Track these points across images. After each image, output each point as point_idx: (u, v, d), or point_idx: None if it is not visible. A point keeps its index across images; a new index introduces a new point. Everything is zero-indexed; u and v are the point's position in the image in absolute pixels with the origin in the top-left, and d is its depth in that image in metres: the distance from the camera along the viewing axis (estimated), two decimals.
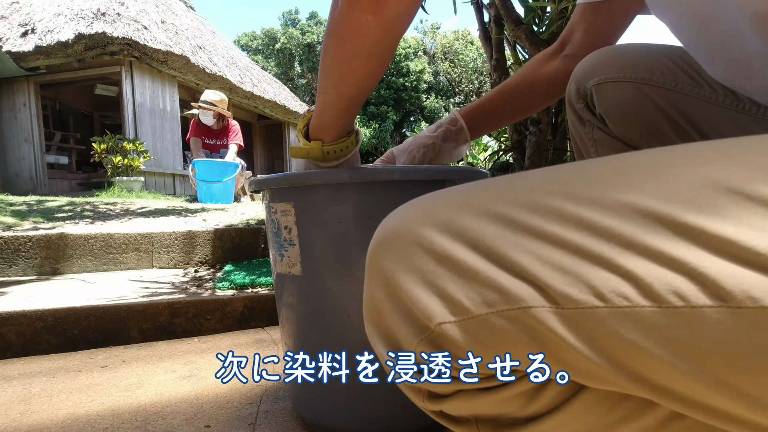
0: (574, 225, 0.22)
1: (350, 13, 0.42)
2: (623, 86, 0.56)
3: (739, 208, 0.19)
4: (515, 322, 0.22)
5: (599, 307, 0.20)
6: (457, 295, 0.23)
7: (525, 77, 0.71)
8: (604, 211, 0.21)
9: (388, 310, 0.26)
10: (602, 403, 0.24)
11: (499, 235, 0.23)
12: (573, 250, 0.21)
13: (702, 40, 0.47)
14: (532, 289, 0.22)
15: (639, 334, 0.19)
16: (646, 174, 0.22)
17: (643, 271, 0.20)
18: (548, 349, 0.22)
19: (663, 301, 0.19)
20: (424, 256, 0.24)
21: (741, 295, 0.18)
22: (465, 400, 0.26)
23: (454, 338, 0.23)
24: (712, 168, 0.20)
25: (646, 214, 0.20)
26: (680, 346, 0.19)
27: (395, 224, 0.27)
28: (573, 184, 0.23)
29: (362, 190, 0.57)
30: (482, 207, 0.24)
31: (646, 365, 0.20)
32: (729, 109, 0.51)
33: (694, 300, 0.19)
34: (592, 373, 0.21)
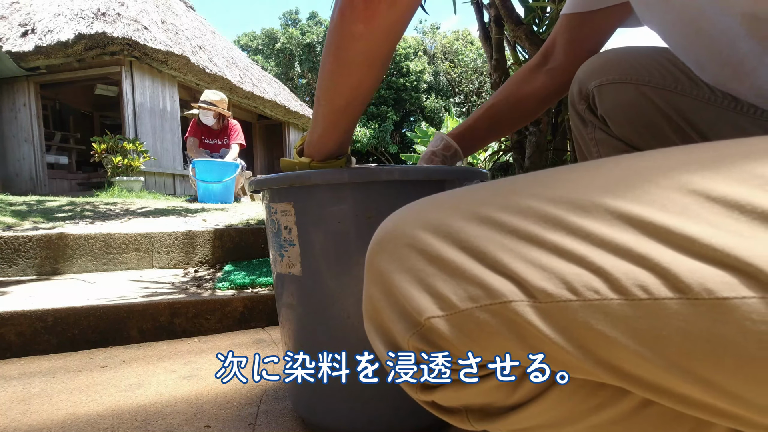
0: (551, 225, 0.23)
1: (343, 22, 0.43)
2: (624, 88, 0.57)
3: (700, 207, 0.21)
4: (497, 316, 0.24)
5: (572, 300, 0.22)
6: (445, 291, 0.25)
7: (511, 95, 0.72)
8: (580, 212, 0.23)
9: (384, 308, 0.28)
10: (579, 391, 0.26)
11: (485, 236, 0.25)
12: (550, 248, 0.23)
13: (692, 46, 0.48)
14: (512, 285, 0.23)
15: (608, 324, 0.21)
16: (618, 178, 0.24)
17: (612, 267, 0.21)
18: (527, 340, 0.23)
19: (629, 293, 0.21)
20: (417, 256, 0.26)
21: (698, 288, 0.19)
22: (454, 390, 0.28)
23: (443, 332, 0.25)
24: (678, 171, 0.22)
25: (618, 214, 0.22)
26: (645, 335, 0.20)
27: (391, 227, 0.29)
28: (553, 189, 0.25)
29: (362, 190, 0.57)
30: (471, 210, 0.26)
31: (615, 354, 0.21)
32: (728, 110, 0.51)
33: (657, 292, 0.20)
34: (568, 363, 0.23)
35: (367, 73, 0.48)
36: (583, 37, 0.67)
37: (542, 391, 0.26)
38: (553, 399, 0.26)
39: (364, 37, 0.44)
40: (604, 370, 0.22)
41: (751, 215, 0.20)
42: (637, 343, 0.21)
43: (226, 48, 8.11)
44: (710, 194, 0.21)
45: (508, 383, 0.27)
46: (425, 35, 20.37)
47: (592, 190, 0.24)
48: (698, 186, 0.21)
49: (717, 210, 0.20)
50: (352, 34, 0.44)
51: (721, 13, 0.40)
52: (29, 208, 2.40)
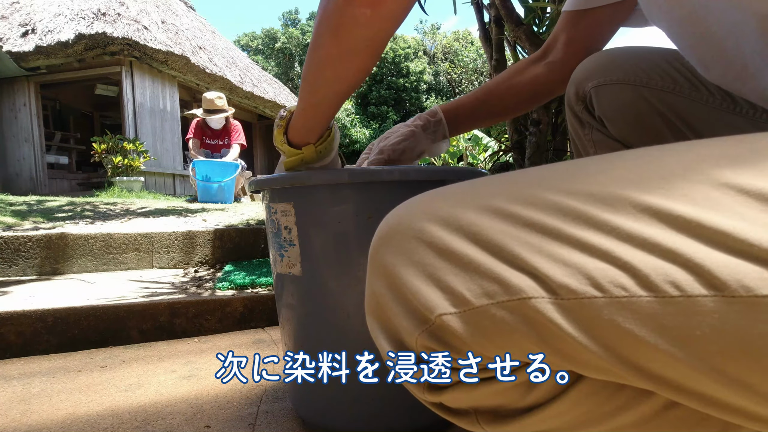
0: (572, 218, 0.22)
1: (347, 6, 0.41)
2: (622, 89, 0.56)
3: (733, 201, 0.20)
4: (515, 313, 0.22)
5: (597, 297, 0.21)
6: (457, 287, 0.24)
7: (505, 80, 0.72)
8: (602, 205, 0.22)
9: (389, 304, 0.26)
10: (599, 392, 0.24)
11: (499, 229, 0.24)
12: (572, 242, 0.22)
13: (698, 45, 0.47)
14: (531, 281, 0.22)
15: (636, 323, 0.20)
16: (641, 170, 0.23)
17: (640, 262, 0.20)
18: (547, 339, 0.22)
19: (659, 290, 0.20)
20: (425, 250, 0.25)
21: (735, 285, 0.18)
22: (464, 391, 0.26)
23: (455, 329, 0.24)
24: (705, 163, 0.21)
25: (644, 207, 0.21)
26: (676, 334, 0.19)
27: (397, 220, 0.27)
28: (571, 180, 0.24)
29: (362, 190, 0.57)
30: (482, 202, 0.25)
31: (643, 354, 0.20)
32: (726, 112, 0.51)
33: (690, 289, 0.19)
34: (590, 363, 0.22)
35: (370, 57, 0.47)
36: (583, 35, 0.66)
37: (560, 393, 0.25)
38: (571, 401, 0.25)
39: (370, 23, 0.42)
40: (629, 370, 0.21)
41: None
42: (667, 343, 0.20)
43: (227, 48, 8.11)
44: (743, 187, 0.20)
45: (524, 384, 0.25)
46: (425, 36, 20.37)
47: (614, 183, 0.22)
48: (729, 179, 0.20)
49: (750, 203, 0.19)
50: (357, 20, 0.42)
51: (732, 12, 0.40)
52: (29, 208, 2.40)
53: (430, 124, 0.69)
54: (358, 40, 0.44)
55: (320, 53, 0.46)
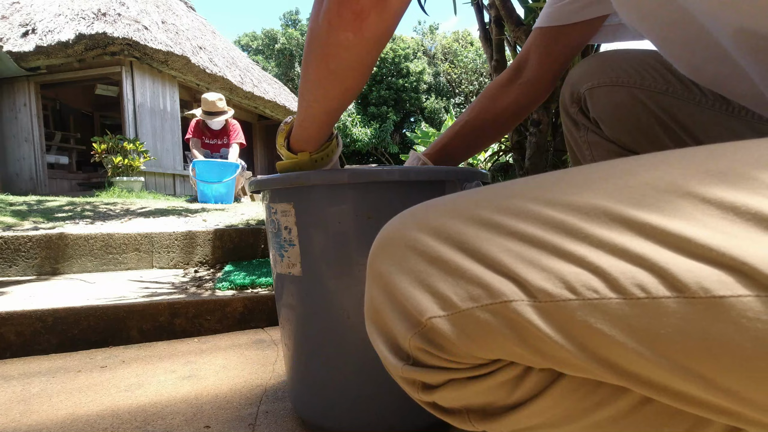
0: (550, 226, 0.24)
1: (330, 31, 0.42)
2: (616, 90, 0.57)
3: (695, 209, 0.21)
4: (498, 315, 0.24)
5: (572, 299, 0.22)
6: (445, 291, 0.26)
7: (484, 111, 0.72)
8: (578, 214, 0.24)
9: (385, 309, 0.28)
10: (578, 389, 0.26)
11: (484, 237, 0.25)
12: (549, 248, 0.24)
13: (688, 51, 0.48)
14: (512, 285, 0.24)
15: (607, 323, 0.21)
16: (615, 180, 0.24)
17: (610, 267, 0.22)
18: (527, 339, 0.24)
19: (627, 293, 0.21)
20: (417, 258, 0.27)
21: (695, 287, 0.20)
22: (455, 389, 0.28)
23: (444, 331, 0.26)
24: (673, 174, 0.23)
25: (615, 216, 0.23)
26: (643, 333, 0.21)
27: (391, 230, 0.30)
28: (551, 191, 0.26)
29: (362, 191, 0.57)
30: (470, 213, 0.27)
31: (614, 352, 0.22)
32: (718, 113, 0.52)
33: (655, 291, 0.21)
34: (568, 362, 0.23)
35: (358, 78, 0.48)
36: (559, 50, 0.67)
37: (542, 390, 0.27)
38: (553, 397, 0.26)
39: (354, 47, 0.43)
40: (603, 368, 0.22)
41: (746, 216, 0.20)
42: (635, 342, 0.21)
43: (227, 48, 8.11)
44: (705, 197, 0.21)
45: (509, 382, 0.27)
46: (425, 36, 20.37)
47: (589, 193, 0.24)
48: (694, 189, 0.22)
49: (712, 212, 0.21)
50: (341, 44, 0.43)
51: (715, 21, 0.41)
52: (29, 208, 2.40)
53: None
54: (344, 63, 0.45)
55: (310, 75, 0.48)
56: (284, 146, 0.59)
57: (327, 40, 0.43)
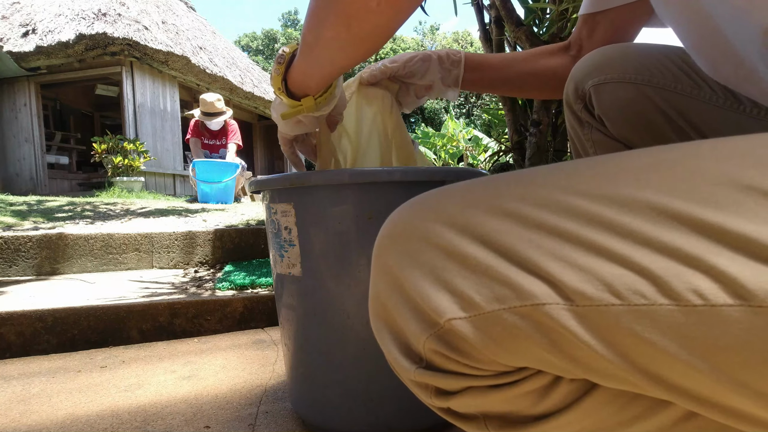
0: (586, 221, 0.21)
1: None
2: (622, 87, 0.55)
3: (758, 205, 0.19)
4: (527, 319, 0.22)
5: (615, 304, 0.20)
6: (467, 290, 0.23)
7: (530, 57, 0.70)
8: (618, 208, 0.21)
9: (395, 306, 0.26)
10: (614, 401, 0.24)
11: (508, 231, 0.23)
12: (587, 246, 0.21)
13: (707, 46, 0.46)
14: (545, 286, 0.21)
15: (656, 332, 0.19)
16: (659, 170, 0.22)
17: (660, 269, 0.19)
18: (561, 346, 0.22)
19: (682, 299, 0.19)
20: (433, 251, 0.24)
21: (762, 294, 0.18)
22: (474, 397, 0.26)
23: (465, 334, 0.23)
24: (727, 164, 0.20)
25: (662, 210, 0.20)
26: (698, 344, 0.19)
27: (401, 220, 0.27)
28: (582, 181, 0.23)
29: (362, 191, 0.57)
30: (489, 203, 0.24)
31: (663, 364, 0.20)
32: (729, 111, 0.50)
33: (714, 298, 0.18)
34: (606, 372, 0.21)
35: (378, 42, 0.45)
36: (602, 36, 0.66)
37: (573, 401, 0.24)
38: (585, 410, 0.24)
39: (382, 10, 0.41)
40: (648, 380, 0.20)
41: None
42: (689, 353, 0.19)
43: (227, 48, 8.12)
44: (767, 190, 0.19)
45: (536, 391, 0.25)
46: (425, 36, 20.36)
47: (629, 184, 0.21)
48: (754, 181, 0.19)
49: None
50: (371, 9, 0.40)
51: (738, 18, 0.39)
52: (29, 208, 2.40)
53: (448, 60, 0.68)
54: (367, 28, 0.43)
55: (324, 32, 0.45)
56: (283, 92, 0.55)
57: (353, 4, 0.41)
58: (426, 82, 0.67)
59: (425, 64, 0.66)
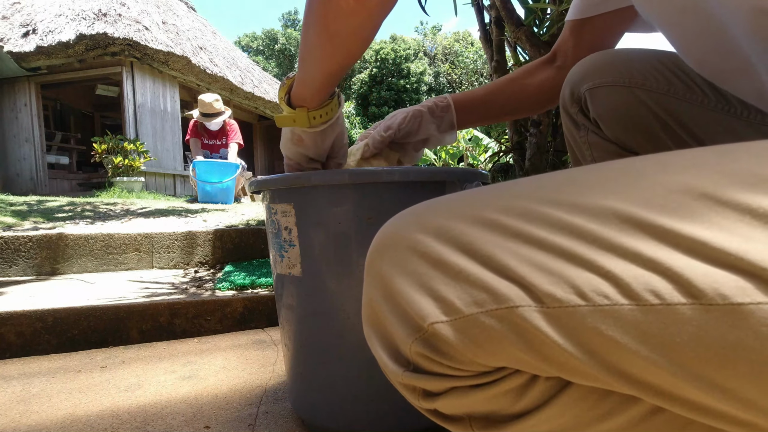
0: (558, 229, 0.23)
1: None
2: (617, 90, 0.56)
3: (710, 211, 0.20)
4: (503, 321, 0.23)
5: (581, 305, 0.21)
6: (449, 296, 0.25)
7: (516, 79, 0.72)
8: (586, 216, 0.23)
9: (384, 312, 0.27)
10: (587, 397, 0.25)
11: (489, 240, 0.24)
12: (557, 252, 0.23)
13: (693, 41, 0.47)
14: (519, 289, 0.23)
15: (618, 330, 0.21)
16: (625, 181, 0.23)
17: (622, 272, 0.21)
18: (534, 346, 0.23)
19: (640, 299, 0.20)
20: (419, 260, 0.26)
21: (712, 293, 0.19)
22: (457, 397, 0.27)
23: (447, 337, 0.25)
24: (686, 175, 0.22)
25: (625, 218, 0.22)
26: (656, 341, 0.20)
27: (391, 231, 0.29)
28: (557, 192, 0.25)
29: (363, 191, 0.57)
30: (473, 214, 0.26)
31: (626, 360, 0.21)
32: (720, 113, 0.51)
33: (669, 298, 0.20)
34: (577, 370, 0.23)
35: (358, 44, 0.47)
36: (588, 41, 0.67)
37: (549, 399, 0.26)
38: (560, 406, 0.25)
39: (355, 13, 0.43)
40: (614, 376, 0.22)
41: (764, 219, 0.19)
42: (648, 349, 0.20)
43: (227, 49, 8.12)
44: (720, 198, 0.20)
45: (514, 390, 0.26)
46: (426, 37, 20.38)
47: (598, 194, 0.23)
48: (708, 190, 0.21)
49: (728, 214, 0.20)
50: (342, 9, 0.42)
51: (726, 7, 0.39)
52: (29, 208, 2.40)
53: (437, 108, 0.69)
54: (345, 29, 0.45)
55: (310, 37, 0.47)
56: (284, 100, 0.58)
57: (327, 5, 0.43)
58: (422, 136, 0.69)
59: (417, 120, 0.68)
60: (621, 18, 0.64)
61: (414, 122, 0.68)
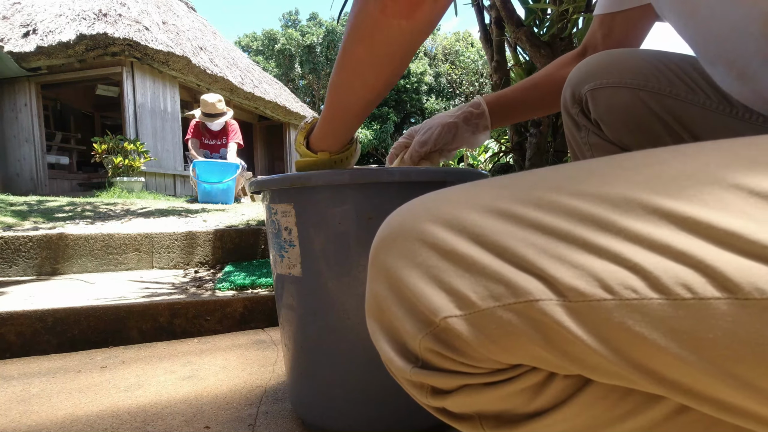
0: (579, 220, 0.22)
1: (383, 17, 0.42)
2: (618, 91, 0.56)
3: (743, 202, 0.19)
4: (522, 316, 0.22)
5: (607, 299, 0.20)
6: (463, 289, 0.23)
7: (549, 75, 0.72)
8: (611, 207, 0.22)
9: (391, 306, 0.26)
10: (608, 396, 0.24)
11: (504, 231, 0.23)
12: (580, 244, 0.21)
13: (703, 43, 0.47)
14: (539, 282, 0.22)
15: (647, 326, 0.20)
16: (651, 171, 0.22)
17: (651, 264, 0.20)
18: (555, 342, 0.22)
19: (671, 293, 0.19)
20: (429, 252, 0.25)
21: (748, 287, 0.18)
22: (469, 395, 0.26)
23: (461, 332, 0.23)
24: (715, 165, 0.21)
25: (653, 209, 0.21)
26: (688, 337, 0.19)
27: (398, 221, 0.27)
28: (577, 182, 0.23)
29: (363, 192, 0.57)
30: (486, 204, 0.25)
31: (654, 357, 0.20)
32: (722, 115, 0.51)
33: (702, 292, 0.19)
34: (600, 367, 0.22)
35: (399, 65, 0.47)
36: (618, 35, 0.67)
37: (567, 398, 0.24)
38: (579, 406, 0.24)
39: (406, 32, 0.42)
40: (640, 374, 0.21)
41: None
42: (679, 346, 0.19)
43: (227, 49, 8.12)
44: (753, 189, 0.20)
45: (530, 388, 0.25)
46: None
47: (621, 184, 0.22)
48: (739, 180, 0.20)
49: (761, 205, 0.19)
50: (393, 30, 0.42)
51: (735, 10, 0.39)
52: (30, 208, 2.40)
53: (473, 116, 0.70)
54: (391, 49, 0.45)
55: (352, 62, 0.47)
56: (303, 144, 0.59)
57: (378, 26, 0.42)
58: (456, 145, 0.70)
59: (452, 132, 0.69)
60: (649, 12, 0.64)
61: (449, 135, 0.69)
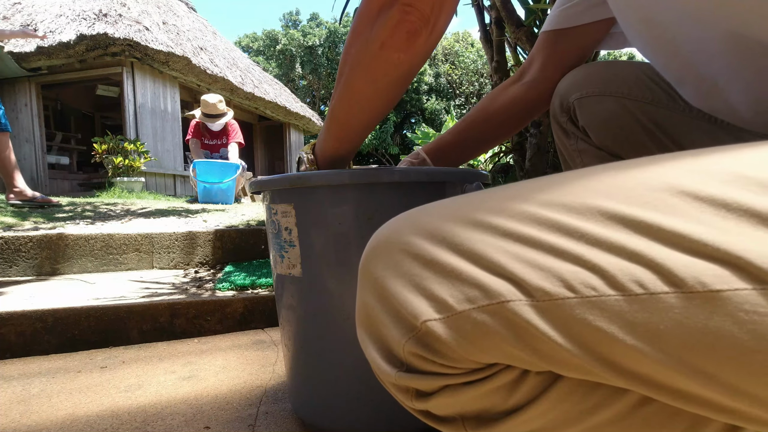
0: (547, 227, 0.24)
1: (382, 52, 0.44)
2: (603, 100, 0.60)
3: (689, 207, 0.22)
4: (495, 316, 0.24)
5: (570, 297, 0.22)
6: (441, 294, 0.25)
7: (483, 108, 0.73)
8: (574, 214, 0.24)
9: (378, 314, 0.28)
10: (576, 391, 0.26)
11: (479, 239, 0.25)
12: (546, 248, 0.24)
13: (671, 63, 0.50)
14: (509, 285, 0.24)
15: (606, 320, 0.22)
16: (609, 182, 0.25)
17: (608, 264, 0.22)
18: (526, 340, 0.24)
19: (626, 289, 0.22)
20: (412, 262, 0.27)
21: (692, 281, 0.20)
22: (450, 395, 0.27)
23: (440, 335, 0.25)
24: (666, 174, 0.24)
25: (611, 215, 0.23)
26: (643, 330, 0.21)
27: (386, 234, 0.29)
28: (545, 193, 0.26)
29: (363, 192, 0.57)
30: (464, 216, 0.27)
31: (614, 350, 0.22)
32: (701, 121, 0.54)
33: (653, 287, 0.21)
34: (568, 362, 0.23)
35: (400, 91, 0.50)
36: (560, 54, 0.69)
37: (539, 394, 0.26)
38: (550, 401, 0.26)
39: (404, 64, 0.45)
40: (603, 367, 0.22)
41: (737, 212, 0.21)
42: (635, 338, 0.21)
43: (228, 49, 8.12)
44: (698, 194, 0.22)
45: (506, 386, 0.27)
46: None
47: (584, 194, 0.25)
48: (686, 187, 0.22)
49: (705, 209, 0.22)
50: (392, 63, 0.45)
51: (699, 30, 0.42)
52: (30, 208, 2.40)
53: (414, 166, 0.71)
54: (392, 79, 0.48)
55: (354, 94, 0.50)
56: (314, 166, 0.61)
57: (377, 60, 0.45)
58: None
59: None
60: (595, 31, 0.67)
61: None
